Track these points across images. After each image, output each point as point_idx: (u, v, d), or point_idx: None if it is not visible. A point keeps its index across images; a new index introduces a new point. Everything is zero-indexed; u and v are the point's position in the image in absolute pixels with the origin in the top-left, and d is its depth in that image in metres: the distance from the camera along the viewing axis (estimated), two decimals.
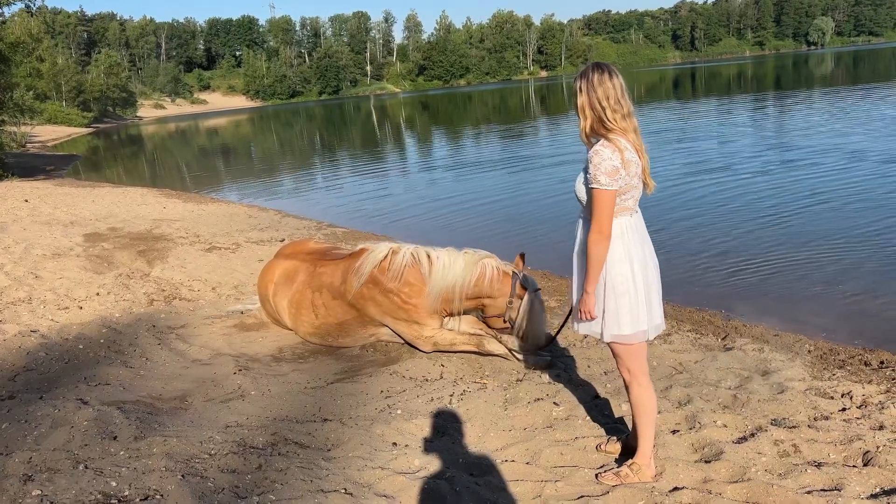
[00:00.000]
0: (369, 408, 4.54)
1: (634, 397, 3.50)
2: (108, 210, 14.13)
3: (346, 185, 18.75)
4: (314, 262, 6.07)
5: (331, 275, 5.78)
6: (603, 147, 3.17)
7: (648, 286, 3.34)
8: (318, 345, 5.87)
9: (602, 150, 3.16)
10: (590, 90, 3.19)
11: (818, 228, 9.21)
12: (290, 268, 6.15)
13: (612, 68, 3.24)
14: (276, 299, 6.12)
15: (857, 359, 5.22)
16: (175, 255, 9.25)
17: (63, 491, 3.12)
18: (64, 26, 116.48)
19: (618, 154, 3.14)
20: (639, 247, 3.31)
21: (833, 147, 15.65)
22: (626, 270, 3.27)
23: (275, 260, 6.46)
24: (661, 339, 5.81)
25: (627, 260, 3.27)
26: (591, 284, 3.28)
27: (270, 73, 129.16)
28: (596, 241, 3.19)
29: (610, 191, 3.14)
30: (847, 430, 3.92)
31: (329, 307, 5.71)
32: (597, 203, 3.17)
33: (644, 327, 3.35)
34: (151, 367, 5.26)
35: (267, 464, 3.59)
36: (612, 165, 3.12)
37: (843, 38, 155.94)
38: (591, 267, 3.24)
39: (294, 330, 6.06)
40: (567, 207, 12.17)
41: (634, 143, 3.23)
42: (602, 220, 3.17)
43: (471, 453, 3.93)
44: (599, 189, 3.14)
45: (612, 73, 3.20)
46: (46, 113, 59.38)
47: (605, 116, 3.18)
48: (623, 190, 3.19)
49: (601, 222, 3.17)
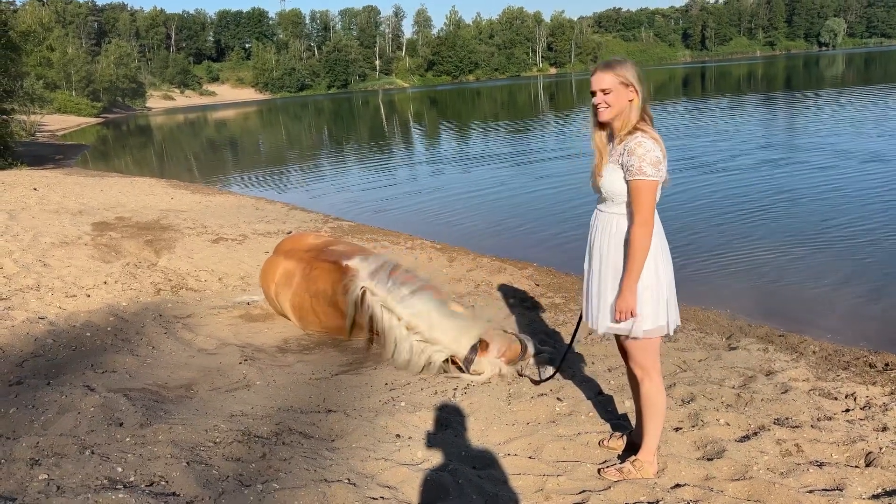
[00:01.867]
0: (373, 399, 4.56)
1: (645, 394, 3.46)
2: (117, 200, 14.19)
3: (353, 178, 18.79)
4: (309, 263, 6.04)
5: (323, 282, 5.76)
6: (645, 139, 3.14)
7: (669, 282, 3.31)
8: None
9: (645, 142, 3.12)
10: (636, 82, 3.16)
11: (826, 229, 9.18)
12: (289, 268, 6.16)
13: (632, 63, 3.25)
14: (279, 299, 6.18)
15: (862, 360, 5.22)
16: (182, 246, 9.29)
17: (69, 476, 3.16)
18: (74, 16, 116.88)
19: (657, 145, 3.14)
20: (660, 241, 3.28)
21: (845, 148, 15.59)
22: (651, 264, 3.22)
23: (275, 257, 6.47)
24: (665, 337, 5.80)
25: (652, 254, 3.21)
26: (633, 280, 3.18)
27: (279, 65, 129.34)
28: (644, 233, 3.12)
29: (655, 181, 3.12)
30: (850, 430, 3.92)
31: (327, 314, 5.76)
32: (642, 194, 3.11)
33: (664, 322, 3.31)
34: (158, 356, 5.29)
35: (271, 453, 3.61)
36: (655, 156, 3.11)
37: (854, 39, 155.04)
38: (635, 261, 3.15)
39: (302, 328, 6.11)
40: (572, 203, 12.16)
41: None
42: (648, 211, 3.12)
43: (474, 446, 3.95)
44: (646, 180, 3.10)
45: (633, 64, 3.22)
46: (56, 102, 59.70)
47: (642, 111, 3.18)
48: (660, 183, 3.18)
49: (647, 213, 3.12)
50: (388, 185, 16.93)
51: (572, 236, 10.05)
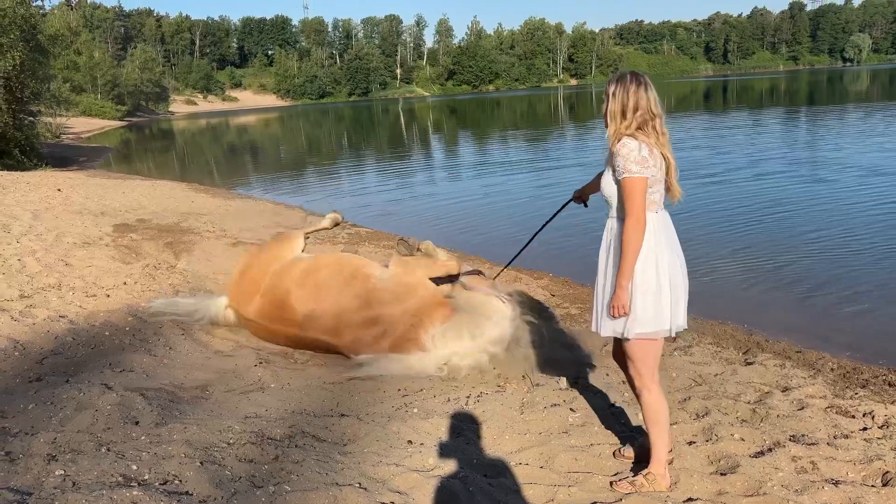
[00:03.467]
0: (386, 405, 4.58)
1: (645, 404, 3.50)
2: (138, 202, 14.37)
3: (371, 185, 18.88)
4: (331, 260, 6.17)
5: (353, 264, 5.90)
6: (628, 140, 3.25)
7: (674, 284, 3.33)
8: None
9: (629, 142, 3.24)
10: (624, 98, 3.28)
11: (849, 246, 9.07)
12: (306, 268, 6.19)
13: (645, 78, 3.33)
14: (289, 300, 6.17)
15: (881, 378, 5.15)
16: (201, 248, 9.39)
17: (85, 472, 3.20)
18: (102, 21, 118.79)
19: (644, 146, 3.24)
20: (665, 244, 3.33)
21: (872, 163, 15.41)
22: (651, 267, 3.27)
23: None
24: (681, 351, 5.78)
25: (654, 256, 3.28)
26: (625, 278, 3.26)
27: (301, 72, 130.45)
28: (633, 228, 3.21)
29: (641, 177, 3.20)
30: (867, 449, 3.87)
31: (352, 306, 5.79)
32: (630, 191, 3.22)
33: (666, 326, 3.33)
34: (174, 357, 5.34)
35: (284, 455, 3.64)
36: (640, 156, 3.21)
37: (879, 55, 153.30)
38: (626, 258, 3.23)
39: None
40: (590, 214, 12.12)
41: (662, 152, 3.30)
42: (637, 207, 3.21)
43: (485, 455, 3.95)
44: (631, 177, 3.21)
45: (647, 84, 3.30)
46: (81, 105, 60.61)
47: (632, 126, 3.27)
48: (650, 182, 3.25)
49: (636, 210, 3.21)
50: (405, 192, 16.99)
51: (590, 247, 9.99)
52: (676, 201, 3.43)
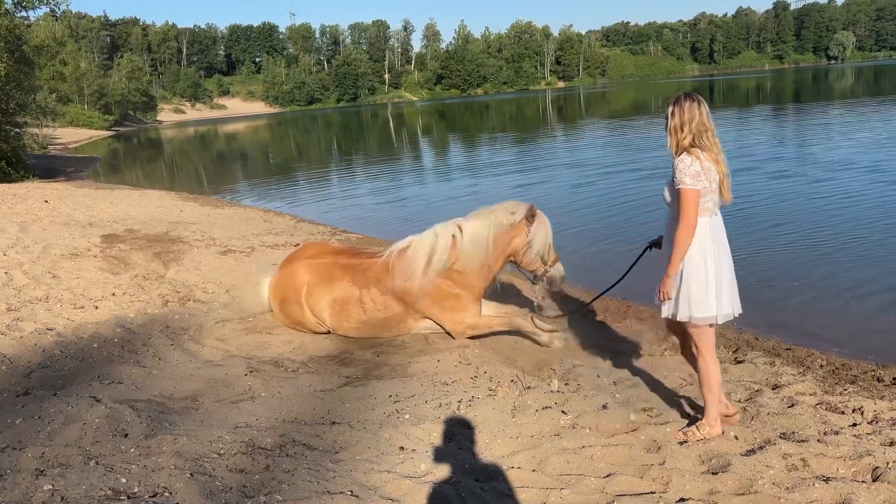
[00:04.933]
0: (377, 412, 4.56)
1: (701, 371, 4.04)
2: (126, 212, 14.30)
3: (361, 191, 18.87)
4: (351, 259, 6.28)
5: (378, 272, 6.05)
6: (685, 156, 3.79)
7: (719, 279, 3.84)
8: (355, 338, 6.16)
9: (685, 158, 3.78)
10: (681, 115, 3.80)
11: (835, 243, 9.13)
12: (324, 268, 6.24)
13: (699, 97, 3.84)
14: (311, 300, 6.18)
15: (870, 374, 5.18)
16: (190, 258, 9.34)
17: (74, 486, 3.17)
18: (87, 30, 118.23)
19: (697, 161, 3.75)
20: (714, 245, 3.85)
21: (854, 161, 15.53)
22: (700, 264, 3.82)
23: (298, 263, 6.43)
24: (671, 351, 5.80)
25: (702, 255, 3.83)
26: (672, 268, 3.84)
27: (289, 79, 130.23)
28: (683, 231, 3.77)
29: (694, 189, 3.74)
30: (857, 445, 3.89)
31: (378, 302, 5.99)
32: (684, 201, 3.75)
33: (712, 313, 3.86)
34: (164, 367, 5.31)
35: (275, 464, 3.62)
36: (694, 170, 3.74)
37: (863, 52, 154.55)
38: (675, 254, 3.81)
39: (335, 328, 6.18)
40: (585, 215, 12.16)
41: (715, 158, 3.82)
42: (689, 215, 3.75)
43: (477, 459, 3.94)
44: (686, 188, 3.75)
45: (699, 102, 3.81)
46: (68, 115, 60.27)
47: (688, 137, 3.79)
48: (703, 192, 3.77)
49: (689, 217, 3.75)
50: (396, 197, 16.99)
51: (582, 249, 10.04)
52: (728, 203, 3.95)
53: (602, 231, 11.06)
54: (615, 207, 12.83)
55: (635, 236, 10.48)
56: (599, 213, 12.44)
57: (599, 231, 11.07)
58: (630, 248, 9.74)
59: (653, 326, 6.36)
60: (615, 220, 11.77)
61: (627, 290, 7.83)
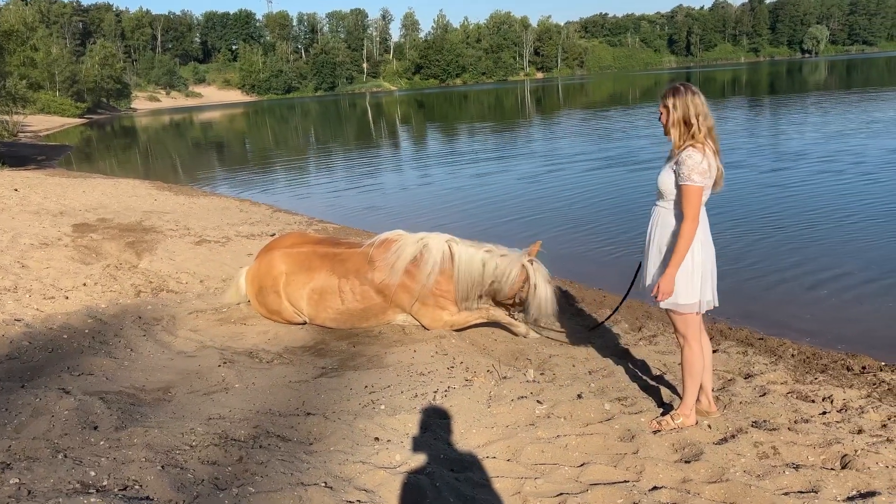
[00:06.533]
0: (353, 402, 4.53)
1: (685, 358, 4.04)
2: (99, 201, 14.06)
3: (339, 180, 18.74)
4: (330, 249, 6.22)
5: (356, 262, 6.00)
6: (695, 151, 3.71)
7: (704, 268, 3.87)
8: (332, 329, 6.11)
9: (694, 154, 3.71)
10: (685, 107, 3.74)
11: (806, 234, 9.26)
12: (303, 257, 6.18)
13: (695, 88, 3.80)
14: (288, 290, 6.12)
15: (840, 363, 5.26)
16: (164, 248, 9.21)
17: (41, 480, 3.11)
18: (59, 16, 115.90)
19: (706, 159, 3.71)
20: (701, 237, 3.84)
21: (824, 153, 15.74)
22: (689, 254, 3.80)
23: (276, 252, 6.36)
24: (646, 341, 5.84)
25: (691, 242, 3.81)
26: (676, 266, 3.80)
27: (266, 67, 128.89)
28: (689, 228, 3.74)
29: (700, 187, 3.72)
30: (826, 433, 3.95)
31: (356, 293, 5.95)
32: (690, 197, 3.73)
33: (696, 299, 3.87)
34: (136, 358, 5.23)
35: (248, 456, 3.58)
36: (703, 167, 3.70)
37: (837, 46, 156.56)
38: (679, 250, 3.77)
39: (312, 317, 6.13)
40: (563, 205, 12.19)
41: (717, 152, 3.81)
42: (695, 211, 3.74)
43: (452, 449, 3.93)
44: (693, 185, 3.71)
45: (697, 92, 3.77)
46: (39, 102, 58.96)
47: (703, 128, 3.73)
48: (705, 188, 3.76)
49: (694, 213, 3.74)
50: (374, 187, 16.90)
51: (558, 239, 10.07)
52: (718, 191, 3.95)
53: (581, 220, 11.10)
54: (595, 198, 12.88)
55: (615, 227, 10.54)
56: (578, 203, 12.48)
57: (579, 220, 11.11)
58: (608, 239, 9.79)
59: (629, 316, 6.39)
60: (594, 210, 11.82)
61: (603, 280, 7.90)
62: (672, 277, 3.81)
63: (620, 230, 10.25)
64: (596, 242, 9.72)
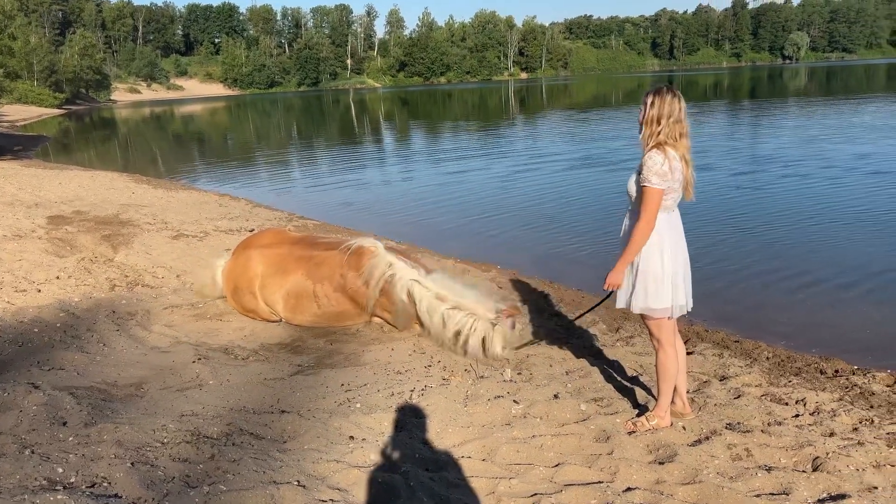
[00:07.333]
0: (328, 401, 4.51)
1: (659, 361, 4.06)
2: (75, 193, 13.86)
3: (320, 177, 18.63)
4: (306, 251, 6.12)
5: (331, 268, 5.92)
6: (656, 154, 3.73)
7: (675, 273, 3.87)
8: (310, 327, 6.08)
9: (654, 156, 3.72)
10: (661, 107, 3.73)
11: (783, 239, 9.35)
12: (279, 259, 6.11)
13: (678, 92, 3.80)
14: (264, 292, 6.06)
15: (813, 367, 5.32)
16: (141, 241, 9.10)
17: (7, 476, 3.05)
18: (38, 4, 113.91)
19: (667, 161, 3.71)
20: (670, 239, 3.85)
21: (803, 157, 15.92)
22: (657, 257, 3.83)
23: (252, 252, 6.30)
24: (623, 342, 5.86)
25: (658, 248, 3.84)
26: (623, 263, 3.87)
27: (249, 61, 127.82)
28: (642, 229, 3.76)
29: (659, 189, 3.72)
30: (799, 435, 3.99)
31: (331, 298, 5.90)
32: (647, 199, 3.74)
33: (668, 304, 3.88)
34: (108, 354, 5.16)
35: (220, 454, 3.54)
36: (662, 169, 3.70)
37: (817, 52, 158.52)
38: (629, 249, 3.82)
39: (289, 319, 6.08)
40: (540, 206, 12.22)
41: (684, 156, 3.80)
42: (650, 213, 3.75)
43: (428, 448, 3.92)
44: (650, 187, 3.72)
45: (679, 97, 3.77)
46: (17, 92, 58.15)
47: (664, 131, 3.74)
48: (666, 191, 3.76)
49: (649, 215, 3.75)
50: (355, 183, 16.82)
51: (538, 239, 10.09)
52: (688, 201, 3.96)
53: (559, 219, 11.13)
54: (574, 196, 12.92)
55: (593, 225, 10.58)
56: (558, 202, 12.51)
57: (557, 219, 11.13)
58: (586, 238, 9.83)
59: (606, 317, 6.42)
60: (574, 209, 11.85)
61: (582, 281, 7.93)
62: (620, 272, 3.88)
63: (599, 228, 10.29)
64: (574, 241, 9.74)
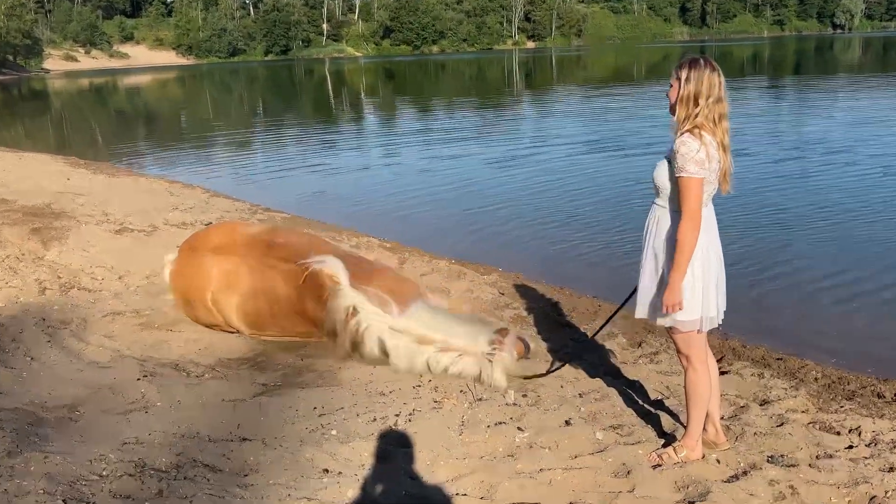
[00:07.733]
0: (299, 427, 4.49)
1: (689, 382, 4.03)
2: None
3: (290, 163, 18.63)
4: (258, 261, 5.95)
5: (285, 284, 5.75)
6: (690, 139, 3.67)
7: (706, 279, 3.82)
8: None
9: (689, 142, 3.67)
10: (698, 82, 3.67)
11: (836, 241, 9.35)
12: (229, 270, 5.98)
13: (716, 64, 3.74)
14: (219, 306, 6.01)
15: (870, 389, 5.33)
16: (77, 236, 9.07)
17: None
18: None
19: (703, 148, 3.66)
20: (704, 242, 3.79)
21: (857, 142, 16.00)
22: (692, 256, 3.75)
23: (201, 260, 6.15)
24: (647, 359, 5.87)
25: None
26: (679, 274, 3.73)
27: (207, 25, 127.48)
28: (688, 227, 3.68)
29: (698, 178, 3.66)
30: (853, 470, 3.99)
31: (290, 318, 5.82)
32: (686, 191, 3.68)
33: (698, 315, 3.83)
34: (38, 369, 5.15)
35: (169, 489, 3.52)
36: (699, 157, 3.64)
37: (873, 21, 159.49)
38: (681, 256, 3.71)
39: (250, 334, 6.06)
40: (543, 200, 12.23)
41: (722, 142, 3.75)
42: (693, 207, 3.68)
43: (417, 484, 3.91)
44: (689, 177, 3.66)
45: (719, 71, 3.72)
46: None
47: (703, 112, 3.69)
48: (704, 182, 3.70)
49: (692, 210, 3.68)
50: (331, 171, 16.83)
51: (546, 236, 10.10)
52: (726, 194, 3.93)
53: (571, 212, 11.15)
54: (587, 186, 12.94)
55: (610, 220, 10.59)
56: (569, 192, 12.53)
57: (568, 212, 11.16)
58: (602, 235, 9.84)
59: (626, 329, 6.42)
60: (587, 201, 11.87)
61: (597, 286, 7.93)
62: (678, 288, 3.73)
63: (617, 224, 10.31)
64: (588, 239, 9.75)
